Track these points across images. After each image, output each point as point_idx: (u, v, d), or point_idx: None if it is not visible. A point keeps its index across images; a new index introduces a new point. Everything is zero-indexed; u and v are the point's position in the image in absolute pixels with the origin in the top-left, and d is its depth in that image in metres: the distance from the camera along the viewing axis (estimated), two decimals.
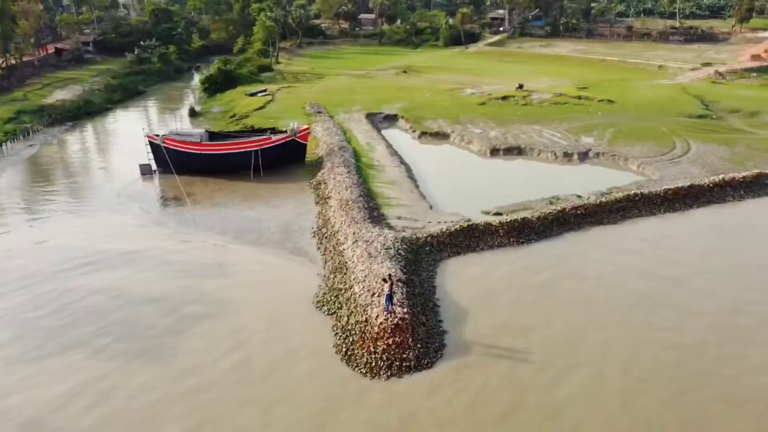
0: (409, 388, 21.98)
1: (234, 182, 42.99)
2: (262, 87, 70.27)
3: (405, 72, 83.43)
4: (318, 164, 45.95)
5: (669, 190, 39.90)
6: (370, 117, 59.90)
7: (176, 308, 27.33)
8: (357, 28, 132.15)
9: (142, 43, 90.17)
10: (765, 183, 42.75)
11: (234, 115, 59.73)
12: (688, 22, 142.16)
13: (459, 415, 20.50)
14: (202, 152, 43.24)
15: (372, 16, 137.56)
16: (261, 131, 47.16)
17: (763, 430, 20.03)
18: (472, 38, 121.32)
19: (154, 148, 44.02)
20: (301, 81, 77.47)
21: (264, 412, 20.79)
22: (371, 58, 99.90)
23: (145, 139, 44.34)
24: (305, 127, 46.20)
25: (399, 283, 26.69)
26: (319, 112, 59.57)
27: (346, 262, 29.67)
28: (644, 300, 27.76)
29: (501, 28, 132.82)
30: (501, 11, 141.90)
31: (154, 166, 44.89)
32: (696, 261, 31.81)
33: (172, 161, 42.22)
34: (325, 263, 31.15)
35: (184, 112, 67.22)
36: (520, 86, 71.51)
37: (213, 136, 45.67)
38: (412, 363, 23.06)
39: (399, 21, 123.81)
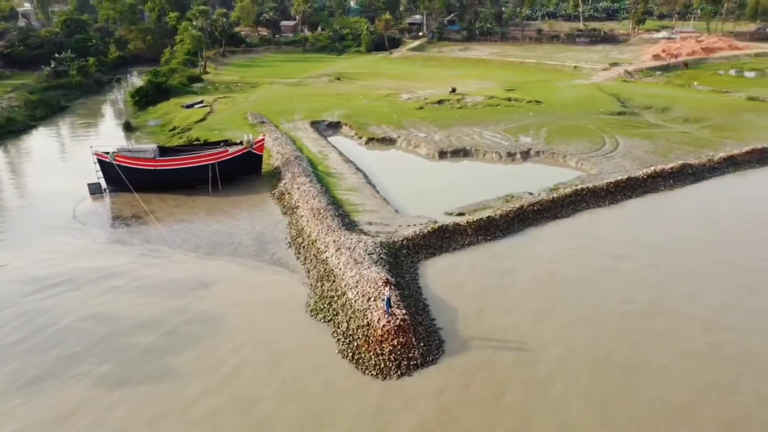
0: (422, 385, 23.08)
1: (193, 197, 42.29)
2: (198, 98, 68.85)
3: (338, 79, 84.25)
4: (275, 175, 46.01)
5: (611, 183, 43.30)
6: (315, 125, 60.32)
7: (166, 328, 27.01)
8: (277, 36, 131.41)
9: (57, 55, 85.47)
10: (689, 173, 47.20)
11: (174, 129, 58.30)
12: (591, 25, 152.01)
13: (473, 403, 21.86)
14: (158, 168, 42.21)
15: (291, 23, 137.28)
16: (213, 144, 46.57)
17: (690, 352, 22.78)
18: (393, 43, 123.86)
19: (104, 165, 42.49)
20: (235, 91, 76.42)
21: (291, 425, 21.17)
22: (299, 66, 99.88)
23: (93, 157, 42.68)
24: (260, 138, 46.11)
25: (392, 287, 27.77)
26: (262, 122, 59.30)
27: (333, 270, 30.31)
28: (602, 279, 31.07)
29: (420, 33, 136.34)
30: (418, 17, 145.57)
31: (103, 185, 43.30)
32: (640, 244, 35.23)
33: (125, 179, 40.99)
34: (309, 272, 31.60)
35: (117, 126, 64.81)
36: (453, 90, 74.22)
37: (164, 150, 44.65)
38: (419, 361, 24.18)
39: (321, 28, 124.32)
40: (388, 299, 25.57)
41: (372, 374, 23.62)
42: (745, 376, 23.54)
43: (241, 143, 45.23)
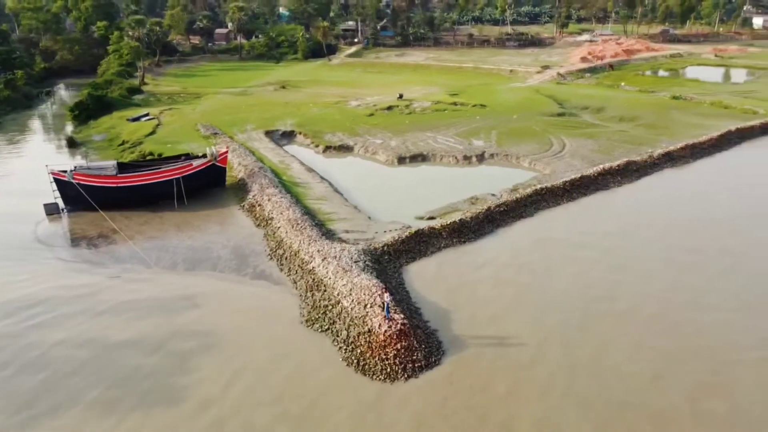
0: (430, 385, 23.97)
1: (159, 213, 41.35)
2: (143, 111, 66.82)
3: (284, 87, 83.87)
4: (239, 187, 45.64)
5: (566, 182, 45.73)
6: (269, 135, 60.04)
7: (159, 346, 26.67)
8: (210, 44, 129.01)
9: None
10: (633, 169, 50.44)
11: (124, 143, 56.46)
12: (520, 29, 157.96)
13: (482, 399, 22.95)
14: (121, 185, 41.00)
15: (224, 30, 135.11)
16: (173, 158, 45.61)
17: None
18: (329, 50, 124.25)
19: (61, 184, 40.84)
20: (180, 102, 74.66)
21: None
22: (239, 75, 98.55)
23: (49, 176, 40.94)
24: (224, 150, 45.60)
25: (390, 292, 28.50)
26: (215, 134, 58.45)
27: (322, 280, 30.65)
28: (568, 269, 33.52)
29: (356, 39, 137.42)
30: (351, 23, 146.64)
31: (61, 205, 41.61)
32: (599, 237, 37.89)
33: (88, 197, 39.63)
34: (295, 283, 31.80)
35: (58, 142, 61.96)
36: (401, 96, 75.65)
37: (123, 167, 43.39)
38: (423, 362, 25.04)
39: (256, 35, 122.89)
40: (388, 304, 26.28)
41: (380, 379, 24.28)
42: (699, 342, 26.31)
43: (204, 156, 44.59)
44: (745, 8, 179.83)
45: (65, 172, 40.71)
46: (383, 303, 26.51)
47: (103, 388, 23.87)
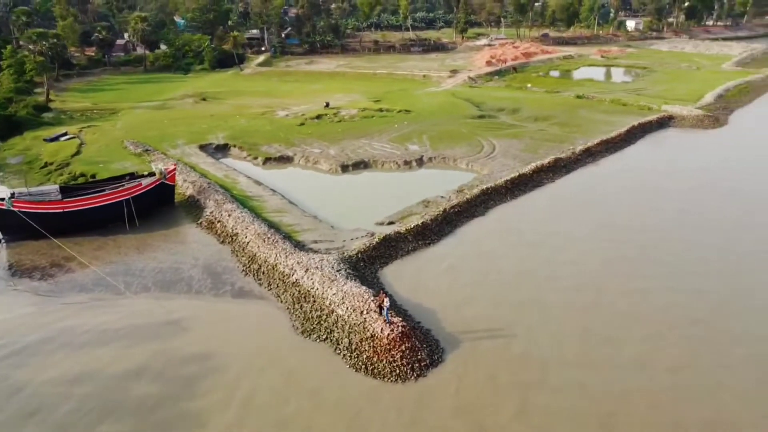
0: (441, 381, 25.36)
1: (110, 237, 39.63)
2: (59, 129, 62.79)
3: (204, 99, 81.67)
4: (189, 204, 44.64)
5: (507, 181, 48.81)
6: (204, 149, 58.77)
7: (159, 374, 26.12)
8: (107, 56, 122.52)
9: None
10: (561, 165, 54.60)
11: (47, 165, 53.04)
12: (416, 34, 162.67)
13: (493, 386, 24.72)
14: (68, 210, 38.88)
15: (122, 41, 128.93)
16: (117, 179, 43.77)
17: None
18: (238, 59, 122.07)
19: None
20: (96, 119, 70.68)
21: None
22: (150, 88, 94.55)
23: None
24: (172, 167, 44.39)
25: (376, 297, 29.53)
26: (147, 151, 56.37)
27: (309, 291, 31.11)
28: (526, 264, 36.17)
29: (263, 48, 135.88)
30: (255, 31, 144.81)
31: None
32: (545, 229, 41.23)
33: (35, 225, 37.33)
34: (279, 297, 32.00)
35: None
36: (327, 104, 76.34)
37: (65, 190, 41.20)
38: (428, 361, 26.36)
39: (162, 46, 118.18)
40: (387, 308, 27.36)
41: (392, 380, 25.32)
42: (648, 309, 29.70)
43: (151, 174, 43.24)
44: (620, 12, 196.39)
45: (3, 200, 38.07)
46: (382, 307, 27.51)
47: (113, 421, 23.15)
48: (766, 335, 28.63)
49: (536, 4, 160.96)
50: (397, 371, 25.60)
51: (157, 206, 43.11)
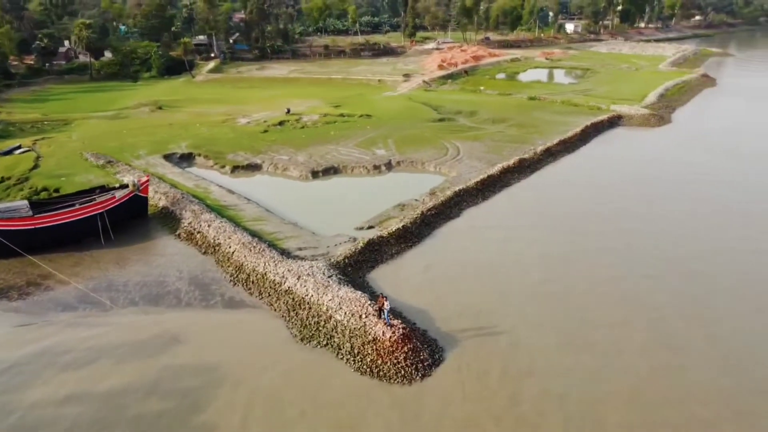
0: (446, 379, 26.14)
1: (86, 253, 38.50)
2: (11, 142, 60.24)
3: (160, 108, 79.81)
4: (164, 216, 43.88)
5: (477, 182, 50.22)
6: (168, 159, 57.70)
7: (161, 390, 25.79)
8: (48, 64, 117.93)
9: None
10: (526, 166, 56.56)
11: (4, 180, 50.66)
12: (361, 39, 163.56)
13: (498, 379, 25.72)
14: (40, 226, 37.56)
15: (63, 48, 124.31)
16: (87, 192, 42.59)
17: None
18: (185, 66, 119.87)
19: None
20: (49, 130, 68.00)
21: None
22: (100, 97, 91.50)
23: None
24: (145, 179, 43.52)
25: (372, 301, 30.10)
26: (110, 162, 54.85)
27: (304, 298, 31.33)
28: (505, 260, 37.62)
29: (212, 54, 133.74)
30: (202, 37, 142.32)
31: None
32: (519, 228, 42.85)
33: (8, 243, 35.98)
34: (272, 306, 32.06)
35: None
36: (288, 111, 76.13)
37: (33, 206, 39.81)
38: (430, 361, 27.11)
39: (107, 53, 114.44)
40: (388, 311, 27.96)
41: (399, 382, 25.92)
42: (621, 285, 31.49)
43: (124, 186, 42.33)
44: (559, 15, 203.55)
45: None
46: (382, 310, 28.09)
47: None
48: (718, 317, 30.93)
49: (480, 8, 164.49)
50: (403, 372, 26.22)
51: (130, 219, 42.20)
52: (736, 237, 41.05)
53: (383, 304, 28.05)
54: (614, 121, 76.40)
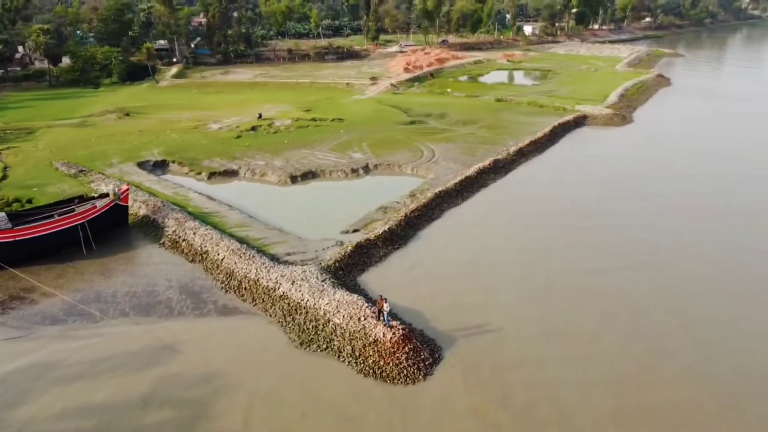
0: (448, 376, 26.81)
1: (69, 264, 37.69)
2: None
3: (127, 115, 78.11)
4: (145, 224, 43.26)
5: (456, 183, 51.15)
6: (142, 167, 56.78)
7: (166, 401, 25.75)
8: (5, 71, 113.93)
9: None
10: (500, 166, 57.84)
11: None
12: (323, 42, 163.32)
13: (495, 372, 26.51)
14: (20, 238, 36.60)
15: (18, 55, 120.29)
16: (65, 202, 41.69)
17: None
18: (147, 72, 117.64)
19: None
20: (12, 140, 65.63)
21: None
22: (62, 104, 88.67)
23: None
24: (125, 188, 42.82)
25: (369, 303, 30.51)
26: (82, 171, 53.67)
27: (299, 303, 31.51)
28: (485, 258, 38.74)
29: (174, 59, 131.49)
30: (163, 42, 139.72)
31: None
32: (500, 227, 44.15)
33: None
34: (267, 311, 32.12)
35: None
36: (260, 116, 75.73)
37: (11, 217, 38.79)
38: (431, 359, 27.70)
39: (65, 59, 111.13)
40: (388, 313, 28.42)
41: (402, 382, 26.42)
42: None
43: (105, 196, 41.61)
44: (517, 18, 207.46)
45: None
46: (382, 312, 28.53)
47: None
48: (692, 305, 32.52)
49: (441, 11, 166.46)
50: (405, 372, 26.73)
51: (111, 229, 41.50)
52: (700, 229, 43.27)
53: (383, 306, 28.48)
54: (580, 121, 78.64)
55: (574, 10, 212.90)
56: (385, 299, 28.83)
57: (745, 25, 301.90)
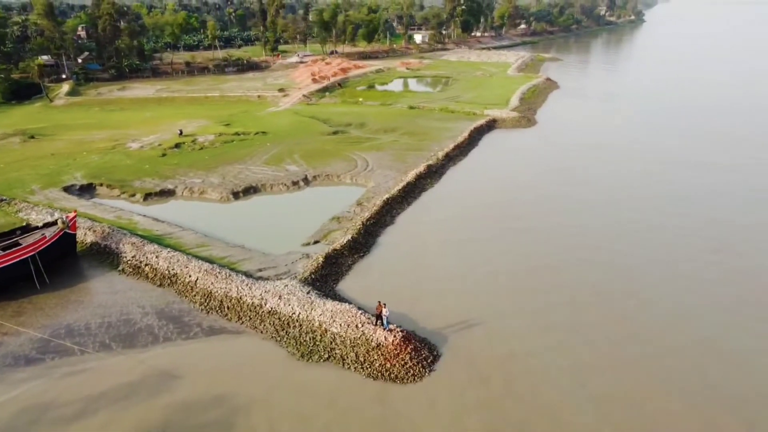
0: (449, 371, 28.66)
1: (23, 300, 35.29)
2: None
3: (33, 137, 72.52)
4: (96, 252, 41.31)
5: (400, 189, 53.27)
6: (69, 192, 53.66)
7: (188, 427, 25.45)
8: None
9: None
10: (434, 171, 60.74)
11: None
12: (220, 54, 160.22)
13: (492, 362, 28.72)
14: None
15: None
16: (6, 234, 38.95)
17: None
18: (34, 89, 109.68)
19: None
20: None
21: None
22: None
23: None
24: (73, 215, 40.59)
25: (362, 310, 31.70)
26: (3, 200, 49.88)
27: (291, 317, 32.01)
28: (451, 252, 40.90)
29: (63, 76, 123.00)
30: (46, 57, 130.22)
31: None
32: (450, 225, 46.72)
33: None
34: (256, 328, 32.28)
35: None
36: (181, 132, 73.60)
37: None
38: (431, 357, 29.43)
39: None
40: (386, 317, 29.77)
41: (411, 381, 27.93)
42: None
43: (51, 224, 39.35)
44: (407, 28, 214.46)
45: None
46: (381, 316, 29.84)
47: None
48: (645, 286, 36.94)
49: (338, 21, 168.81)
50: (412, 372, 28.26)
51: (60, 259, 39.36)
52: (628, 218, 48.42)
53: (382, 310, 29.80)
54: (491, 125, 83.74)
55: (460, 19, 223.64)
56: (384, 304, 30.16)
57: (604, 30, 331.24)
